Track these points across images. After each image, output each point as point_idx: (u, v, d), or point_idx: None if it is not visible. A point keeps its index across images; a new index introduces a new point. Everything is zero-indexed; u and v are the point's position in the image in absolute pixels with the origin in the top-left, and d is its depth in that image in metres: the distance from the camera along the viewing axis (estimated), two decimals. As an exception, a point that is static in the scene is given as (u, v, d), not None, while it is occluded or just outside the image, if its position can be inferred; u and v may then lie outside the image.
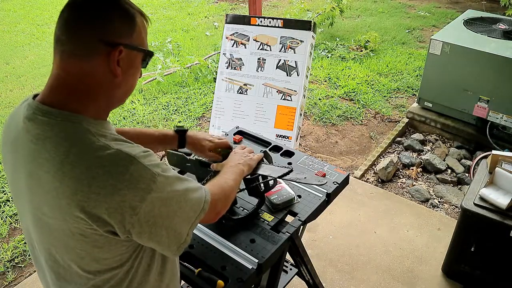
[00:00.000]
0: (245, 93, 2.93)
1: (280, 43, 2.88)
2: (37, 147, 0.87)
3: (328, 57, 5.24)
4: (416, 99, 3.91)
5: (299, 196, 1.60)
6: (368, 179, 3.29)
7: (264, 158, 1.53)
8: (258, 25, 2.92)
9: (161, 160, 1.61)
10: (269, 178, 1.45)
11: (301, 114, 2.89)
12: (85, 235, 0.88)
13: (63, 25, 0.88)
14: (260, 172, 1.39)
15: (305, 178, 1.36)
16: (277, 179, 1.46)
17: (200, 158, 1.46)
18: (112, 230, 0.87)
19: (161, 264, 1.06)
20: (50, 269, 1.01)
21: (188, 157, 1.50)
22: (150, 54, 0.97)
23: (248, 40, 2.94)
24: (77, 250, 0.92)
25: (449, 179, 3.24)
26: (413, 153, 3.56)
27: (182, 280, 1.54)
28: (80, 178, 0.83)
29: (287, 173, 1.35)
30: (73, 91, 0.89)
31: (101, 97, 0.91)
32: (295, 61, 2.85)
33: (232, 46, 2.97)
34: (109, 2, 0.89)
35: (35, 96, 0.93)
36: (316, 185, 1.50)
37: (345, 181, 1.71)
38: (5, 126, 0.99)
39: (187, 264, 1.33)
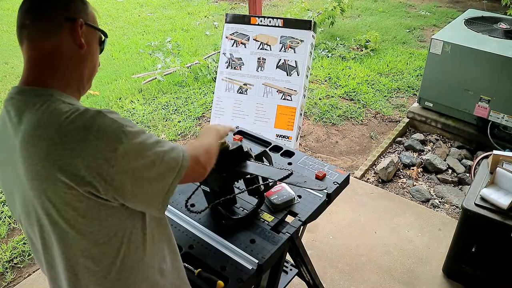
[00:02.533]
0: (245, 92, 2.92)
1: (280, 43, 2.87)
2: (15, 122, 0.93)
3: (328, 56, 5.23)
4: (416, 99, 3.90)
5: (299, 196, 1.59)
6: (368, 179, 3.28)
7: (264, 158, 1.52)
8: (258, 24, 2.91)
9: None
10: (269, 180, 1.45)
11: (301, 114, 2.88)
12: (65, 203, 0.89)
13: (27, 12, 0.95)
14: (260, 174, 1.38)
15: (305, 182, 1.35)
16: (277, 180, 1.45)
17: None
18: (92, 191, 0.88)
19: (156, 241, 1.06)
20: (43, 250, 1.01)
21: None
22: (105, 35, 1.06)
23: (248, 39, 2.93)
24: (61, 225, 0.92)
25: (450, 179, 3.23)
26: (414, 153, 3.55)
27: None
28: (52, 138, 0.86)
29: (287, 176, 1.34)
30: (44, 68, 0.96)
31: (71, 71, 0.98)
32: (295, 61, 2.84)
33: (232, 45, 2.96)
34: None
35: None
36: (316, 189, 1.49)
37: (346, 181, 1.70)
38: None
39: (187, 265, 1.32)
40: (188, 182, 1.06)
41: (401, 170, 3.36)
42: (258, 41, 2.92)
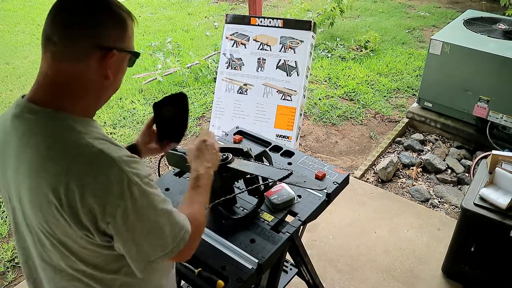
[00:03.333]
0: (245, 93, 2.93)
1: (280, 43, 2.88)
2: (22, 144, 0.88)
3: (328, 57, 5.23)
4: (416, 99, 3.91)
5: (299, 196, 1.60)
6: (368, 179, 3.29)
7: (264, 158, 1.53)
8: (258, 25, 2.92)
9: (160, 159, 1.63)
10: (269, 180, 1.45)
11: (301, 114, 2.89)
12: (66, 235, 0.88)
13: (54, 25, 0.87)
14: (260, 174, 1.39)
15: (305, 182, 1.36)
16: (277, 179, 1.46)
17: None
18: (88, 234, 0.86)
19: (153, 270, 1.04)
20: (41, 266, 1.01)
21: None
22: (137, 56, 0.98)
23: (248, 40, 2.94)
24: (59, 249, 0.92)
25: (449, 179, 3.24)
26: (413, 153, 3.56)
27: (182, 280, 1.54)
28: (59, 174, 0.83)
29: (287, 176, 1.35)
30: (62, 91, 0.89)
31: (90, 97, 0.92)
32: (295, 61, 2.85)
33: (232, 46, 2.97)
34: (102, 7, 0.89)
35: (23, 96, 0.94)
36: (316, 189, 1.50)
37: (345, 181, 1.71)
38: None
39: (187, 264, 1.33)
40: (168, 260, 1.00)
41: (401, 170, 3.36)
42: (258, 41, 2.92)
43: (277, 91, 2.87)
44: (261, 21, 2.91)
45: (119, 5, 0.94)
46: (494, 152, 2.32)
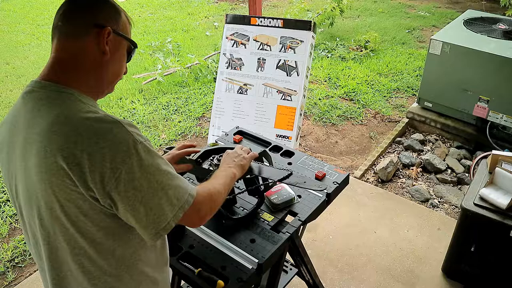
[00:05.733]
0: (245, 93, 2.93)
1: (280, 43, 2.88)
2: (32, 115, 0.95)
3: (328, 57, 5.24)
4: (416, 99, 3.91)
5: (299, 196, 1.60)
6: (368, 179, 3.29)
7: (264, 158, 1.53)
8: (258, 25, 2.92)
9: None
10: (269, 180, 1.45)
11: (301, 114, 2.89)
12: (70, 199, 0.91)
13: (61, 15, 0.99)
14: (260, 174, 1.39)
15: (304, 182, 1.36)
16: (277, 179, 1.46)
17: (199, 159, 1.46)
18: (93, 195, 0.89)
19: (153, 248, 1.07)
20: (45, 248, 1.02)
21: (187, 157, 1.50)
22: (134, 45, 1.08)
23: (248, 40, 2.94)
24: (62, 220, 0.94)
25: (449, 179, 3.24)
26: (413, 153, 3.56)
27: (182, 280, 1.54)
28: (67, 135, 0.89)
29: (287, 177, 1.35)
30: (67, 68, 0.98)
31: (92, 74, 1.00)
32: (295, 61, 2.85)
33: (232, 46, 2.97)
34: None
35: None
36: (316, 190, 1.50)
37: (345, 181, 1.71)
38: (6, 117, 1.05)
39: (187, 264, 1.33)
40: (180, 223, 1.01)
41: (401, 170, 3.37)
42: (258, 41, 2.93)
43: (277, 91, 2.87)
44: (261, 21, 2.91)
45: (115, 2, 1.07)
46: (494, 152, 2.32)
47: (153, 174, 0.92)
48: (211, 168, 1.41)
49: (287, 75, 2.86)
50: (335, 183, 1.66)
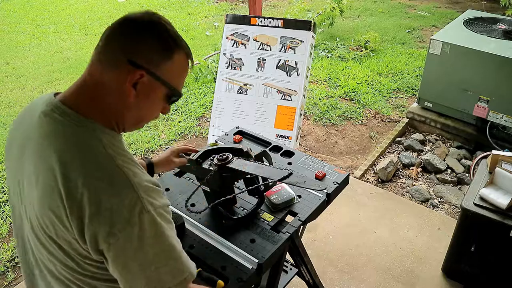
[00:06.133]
0: (245, 93, 2.93)
1: (280, 43, 2.88)
2: (45, 143, 0.88)
3: (328, 57, 5.24)
4: (416, 99, 3.91)
5: (299, 196, 1.60)
6: (368, 179, 3.29)
7: (264, 158, 1.53)
8: (258, 25, 2.92)
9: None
10: (269, 180, 1.45)
11: (301, 114, 2.89)
12: (66, 244, 0.88)
13: (105, 37, 0.91)
14: (260, 174, 1.39)
15: (304, 182, 1.36)
16: (277, 179, 1.46)
17: (199, 159, 1.46)
18: (87, 248, 0.86)
19: None
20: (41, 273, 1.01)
21: (187, 157, 1.50)
22: (176, 95, 0.96)
23: (248, 40, 2.94)
24: (55, 255, 0.92)
25: (449, 179, 3.24)
26: (413, 153, 3.56)
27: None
28: (76, 186, 0.83)
29: (287, 176, 1.35)
30: (90, 96, 0.90)
31: (111, 110, 0.91)
32: (295, 61, 2.85)
33: (232, 46, 2.97)
34: (153, 28, 0.91)
35: (55, 94, 0.94)
36: (316, 189, 1.50)
37: (345, 181, 1.71)
38: (18, 119, 1.00)
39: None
40: None
41: (401, 170, 3.37)
42: (258, 41, 2.93)
43: (277, 91, 2.87)
44: (261, 21, 2.91)
45: (177, 37, 0.94)
46: (494, 152, 2.32)
47: (151, 246, 0.86)
48: (211, 168, 1.40)
49: (287, 75, 2.86)
50: (335, 183, 1.66)
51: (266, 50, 2.90)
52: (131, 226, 0.82)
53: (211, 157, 1.46)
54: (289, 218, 1.52)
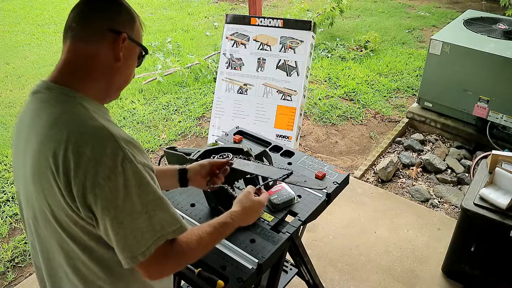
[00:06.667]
0: (245, 93, 2.93)
1: (280, 43, 2.88)
2: (35, 116, 0.94)
3: (328, 57, 5.24)
4: (416, 99, 3.91)
5: (299, 196, 1.60)
6: (368, 179, 3.29)
7: (264, 158, 1.53)
8: (258, 25, 2.92)
9: (160, 159, 1.63)
10: (269, 180, 1.45)
11: (301, 114, 2.89)
12: (59, 207, 0.90)
13: (76, 16, 0.97)
14: (260, 174, 1.39)
15: (305, 181, 1.36)
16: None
17: (199, 159, 1.46)
18: (77, 205, 0.87)
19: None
20: (40, 249, 1.02)
21: (187, 157, 1.50)
22: (145, 51, 1.06)
23: (248, 40, 2.94)
24: (53, 225, 0.93)
25: (449, 179, 3.24)
26: (413, 153, 3.56)
27: (182, 280, 1.54)
28: (60, 142, 0.87)
29: (287, 176, 1.35)
30: (77, 72, 0.96)
31: (101, 79, 0.98)
32: (295, 61, 2.85)
33: (232, 46, 2.97)
34: (116, 1, 1.01)
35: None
36: (316, 189, 1.50)
37: (345, 181, 1.71)
38: (19, 114, 1.05)
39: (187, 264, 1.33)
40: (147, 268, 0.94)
41: (401, 170, 3.37)
42: (258, 41, 2.93)
43: (277, 91, 2.87)
44: (261, 21, 2.92)
45: (129, 5, 1.05)
46: (494, 152, 2.33)
47: (138, 195, 0.88)
48: None
49: (287, 75, 2.86)
50: (335, 183, 1.66)
51: (266, 50, 2.91)
52: (115, 175, 0.85)
53: (211, 157, 1.46)
54: (289, 218, 1.53)
